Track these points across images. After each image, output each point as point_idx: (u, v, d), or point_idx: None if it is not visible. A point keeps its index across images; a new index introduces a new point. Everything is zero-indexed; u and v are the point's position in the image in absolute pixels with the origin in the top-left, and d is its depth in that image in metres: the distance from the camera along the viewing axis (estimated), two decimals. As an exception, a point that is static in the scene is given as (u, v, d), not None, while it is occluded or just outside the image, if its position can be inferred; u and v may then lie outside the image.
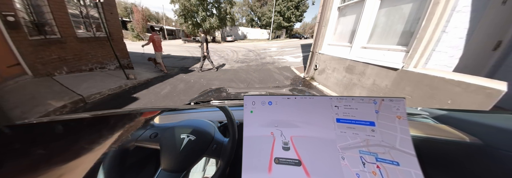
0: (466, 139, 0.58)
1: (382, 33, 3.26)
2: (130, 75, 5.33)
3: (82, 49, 5.83)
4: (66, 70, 5.59)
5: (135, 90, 4.72)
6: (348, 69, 3.81)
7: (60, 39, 5.41)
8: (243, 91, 2.12)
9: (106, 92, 4.48)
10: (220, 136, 0.80)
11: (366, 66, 3.36)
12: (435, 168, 0.53)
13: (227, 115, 0.79)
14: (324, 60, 4.62)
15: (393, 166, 0.38)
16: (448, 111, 0.76)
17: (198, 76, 6.03)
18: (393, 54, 3.00)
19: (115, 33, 6.23)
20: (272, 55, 11.24)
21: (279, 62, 8.71)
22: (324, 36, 4.65)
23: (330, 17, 4.42)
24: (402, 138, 0.39)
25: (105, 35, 6.22)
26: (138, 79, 5.44)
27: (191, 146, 0.69)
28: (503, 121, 0.62)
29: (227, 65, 8.26)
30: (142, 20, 26.54)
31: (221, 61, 9.49)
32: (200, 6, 22.28)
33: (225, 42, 25.61)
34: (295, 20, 34.59)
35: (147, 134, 0.75)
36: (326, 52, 4.58)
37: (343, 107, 0.44)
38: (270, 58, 10.19)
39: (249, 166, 0.45)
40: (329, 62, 4.41)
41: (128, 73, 5.46)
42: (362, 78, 3.49)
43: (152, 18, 39.01)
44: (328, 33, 4.58)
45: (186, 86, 4.95)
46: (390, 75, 2.98)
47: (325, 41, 4.68)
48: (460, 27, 2.47)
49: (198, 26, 23.66)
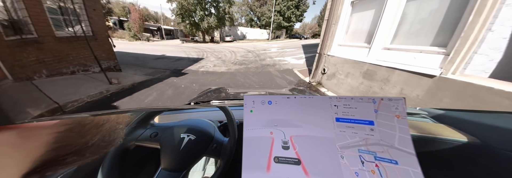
0: (464, 139, 0.59)
1: (411, 31, 2.68)
2: (113, 80, 4.75)
3: (61, 50, 5.30)
4: (46, 73, 5.08)
5: (117, 97, 4.18)
6: (366, 75, 3.21)
7: (37, 39, 4.94)
8: (243, 90, 2.10)
9: (85, 98, 4.03)
10: (220, 136, 0.82)
11: (391, 72, 2.77)
12: (434, 167, 0.54)
13: (227, 115, 0.81)
14: (334, 64, 4.02)
15: (392, 164, 0.38)
16: (447, 111, 0.78)
17: (191, 81, 5.42)
18: (428, 57, 2.43)
19: (99, 32, 5.61)
20: (273, 56, 10.54)
21: (280, 65, 8.06)
22: (334, 36, 4.05)
23: (341, 13, 3.83)
24: (401, 137, 0.39)
25: (90, 35, 5.67)
26: (123, 84, 4.88)
27: (191, 146, 0.71)
28: (501, 121, 0.61)
29: (224, 68, 7.59)
30: (139, 20, 26.19)
31: (217, 62, 8.84)
32: (198, 5, 21.66)
33: (224, 43, 25.03)
34: (295, 20, 33.93)
35: (147, 133, 0.76)
36: (337, 54, 3.98)
37: (343, 106, 0.44)
38: (271, 60, 9.52)
39: (249, 165, 0.45)
40: (341, 66, 3.81)
41: (111, 77, 4.88)
42: (385, 86, 2.89)
43: (150, 18, 38.77)
44: (338, 32, 3.99)
45: (174, 93, 4.35)
46: (424, 84, 2.42)
47: (335, 42, 4.09)
48: (506, 25, 2.02)
49: (196, 26, 23.09)
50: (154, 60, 9.37)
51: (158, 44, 21.00)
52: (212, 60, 9.49)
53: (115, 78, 4.98)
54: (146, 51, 12.61)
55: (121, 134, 0.39)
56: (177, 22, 23.64)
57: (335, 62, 4.02)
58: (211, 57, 10.41)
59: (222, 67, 7.62)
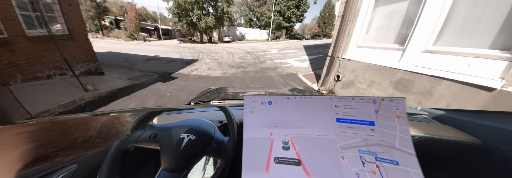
0: (465, 139, 0.58)
1: (464, 29, 2.03)
2: (88, 86, 4.09)
3: (35, 52, 4.68)
4: (21, 78, 4.47)
5: (91, 107, 3.60)
6: (399, 85, 2.56)
7: (8, 39, 4.32)
8: (243, 90, 2.05)
9: (56, 109, 3.52)
10: (220, 135, 0.83)
11: (437, 82, 2.13)
12: (435, 168, 0.54)
13: (227, 114, 0.82)
14: (352, 69, 3.37)
15: (392, 165, 0.37)
16: (448, 111, 0.76)
17: (179, 88, 4.76)
18: (486, 64, 1.82)
19: (76, 30, 4.94)
20: (273, 58, 9.85)
21: (282, 68, 7.37)
22: (351, 35, 3.40)
23: (361, 7, 3.18)
24: (401, 137, 0.38)
25: (65, 33, 4.99)
26: (100, 90, 4.24)
27: (191, 146, 0.71)
28: (502, 121, 0.60)
29: (219, 71, 6.89)
30: (135, 19, 25.54)
31: (212, 65, 8.10)
32: (196, 4, 20.93)
33: (222, 43, 24.34)
34: (295, 20, 33.28)
35: (146, 134, 0.76)
36: (356, 57, 3.33)
37: (343, 107, 0.43)
38: (271, 62, 8.81)
39: (249, 166, 0.45)
40: (362, 73, 3.15)
41: (87, 83, 4.21)
42: (426, 101, 2.25)
43: (149, 18, 38.14)
44: (357, 31, 3.34)
45: (157, 104, 3.69)
46: (479, 99, 1.85)
47: (353, 42, 3.44)
48: None
49: (193, 26, 22.37)
50: (144, 62, 8.70)
51: (154, 45, 20.34)
52: (207, 62, 8.81)
53: (90, 84, 4.32)
54: (139, 52, 11.96)
55: (121, 129, 0.39)
56: (173, 21, 22.90)
57: (353, 67, 3.37)
58: (207, 59, 9.75)
59: (217, 71, 6.93)
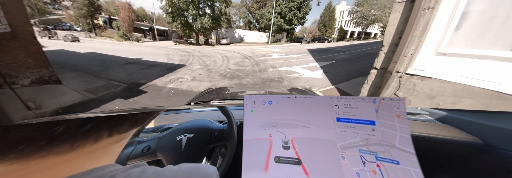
0: (466, 138, 0.59)
1: None
2: (29, 103, 3.00)
3: None
4: None
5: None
6: None
7: None
8: (243, 90, 2.02)
9: None
10: (218, 125, 0.89)
11: None
12: (435, 167, 0.55)
13: (227, 114, 0.85)
14: (431, 94, 1.78)
15: (393, 165, 0.37)
16: (448, 111, 0.75)
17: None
18: None
19: (19, 26, 3.36)
20: (276, 65, 7.93)
21: (289, 80, 5.51)
22: (427, 34, 1.84)
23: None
24: (401, 136, 0.38)
25: (7, 30, 3.42)
26: (43, 109, 3.11)
27: (193, 142, 0.75)
28: (503, 121, 0.60)
29: (206, 83, 5.11)
30: (128, 18, 24.12)
31: (200, 73, 6.28)
32: (191, 3, 19.41)
33: (219, 45, 22.72)
34: (297, 22, 31.86)
35: (138, 149, 0.75)
36: (437, 73, 1.75)
37: (343, 106, 0.43)
38: (274, 70, 6.86)
39: (249, 165, 0.45)
40: (452, 101, 1.57)
41: (28, 99, 2.94)
42: None
43: (147, 18, 36.90)
44: (440, 26, 1.78)
45: None
46: None
47: (429, 46, 1.87)
48: None
49: (188, 26, 20.81)
50: (121, 66, 7.06)
51: (146, 46, 18.76)
52: (194, 69, 7.07)
53: (32, 100, 2.96)
54: (123, 53, 10.37)
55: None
56: (167, 21, 21.36)
57: (431, 90, 1.80)
58: (196, 65, 8.01)
59: (203, 83, 5.15)
